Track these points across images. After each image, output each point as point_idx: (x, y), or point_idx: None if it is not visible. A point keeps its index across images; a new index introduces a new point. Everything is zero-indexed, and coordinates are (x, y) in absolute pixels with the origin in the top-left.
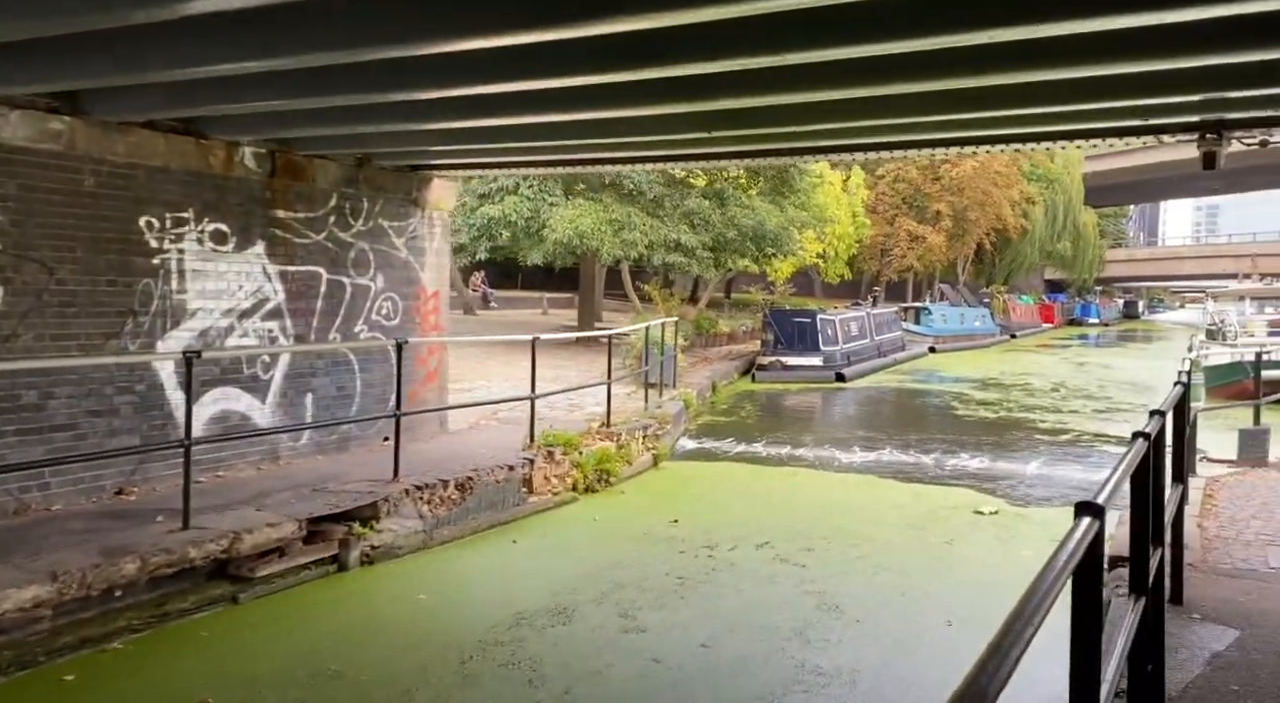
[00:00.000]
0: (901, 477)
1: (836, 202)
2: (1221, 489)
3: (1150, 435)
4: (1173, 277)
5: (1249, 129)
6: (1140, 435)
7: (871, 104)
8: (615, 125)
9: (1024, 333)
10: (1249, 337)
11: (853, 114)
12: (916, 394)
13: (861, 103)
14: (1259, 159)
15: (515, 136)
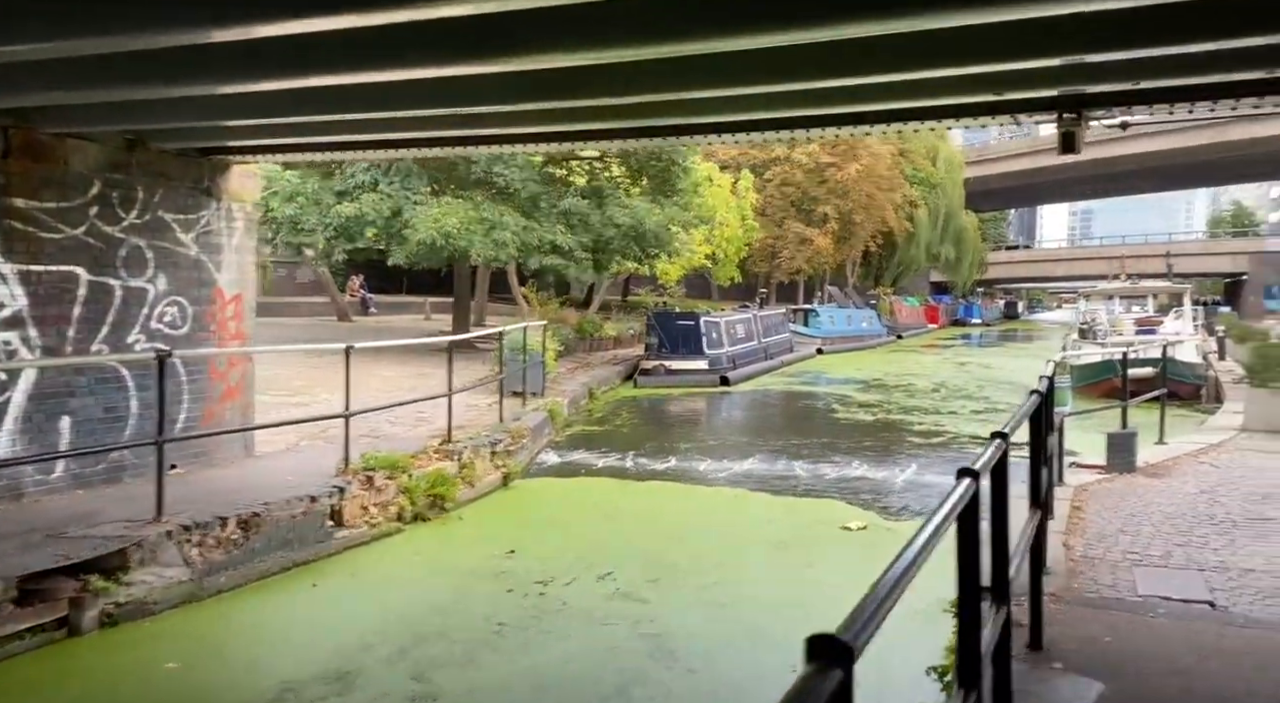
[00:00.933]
0: (773, 489)
1: (725, 204)
2: (1090, 499)
3: (978, 473)
4: (1050, 278)
5: (1108, 107)
6: (967, 473)
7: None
8: (447, 90)
9: (910, 334)
10: (1119, 335)
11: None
12: (800, 397)
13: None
14: (1127, 166)
15: (330, 106)
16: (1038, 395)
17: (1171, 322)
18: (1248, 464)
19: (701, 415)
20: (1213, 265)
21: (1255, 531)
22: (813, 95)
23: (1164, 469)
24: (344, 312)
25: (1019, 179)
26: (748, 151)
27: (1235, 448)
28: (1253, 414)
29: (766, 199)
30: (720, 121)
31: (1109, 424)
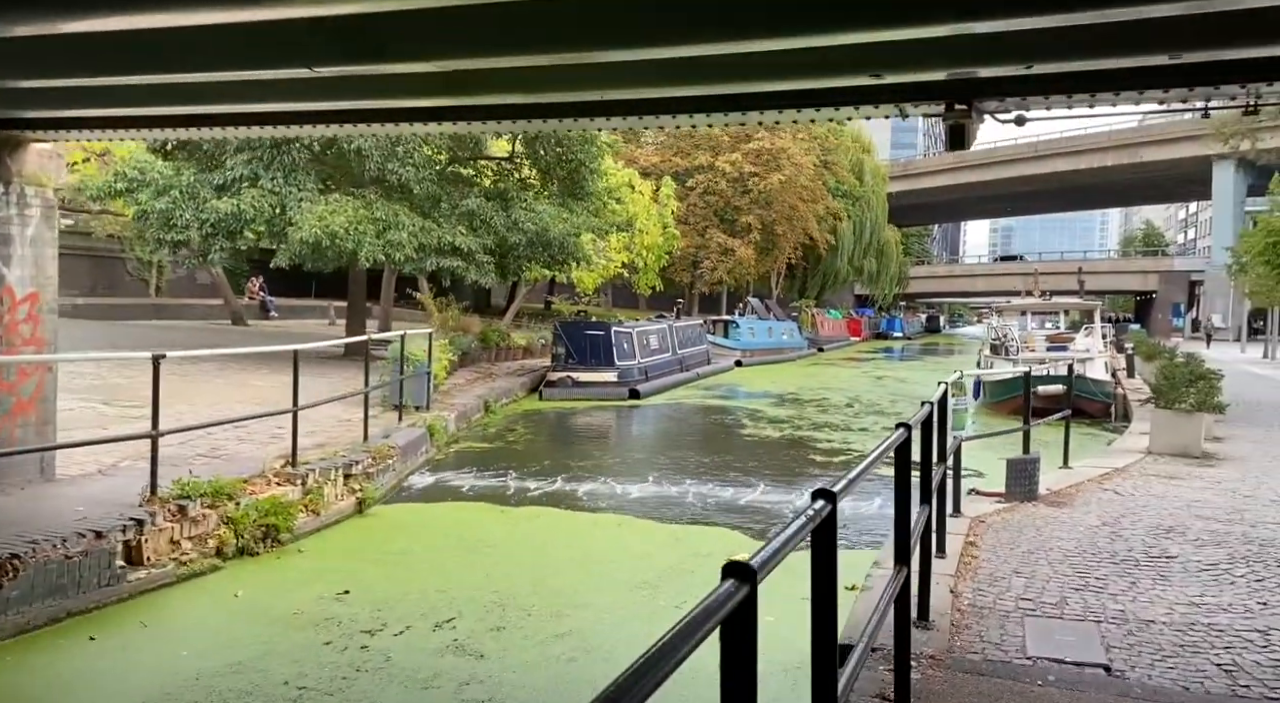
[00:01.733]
0: (661, 516)
1: (646, 211)
2: (986, 533)
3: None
4: (970, 293)
5: (1001, 97)
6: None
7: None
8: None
9: (831, 346)
10: (1030, 351)
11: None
12: (711, 411)
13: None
14: (1044, 184)
15: (157, 62)
16: (903, 429)
17: (1082, 338)
18: (1151, 492)
19: (603, 431)
20: (1124, 283)
21: (1157, 570)
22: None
23: (1066, 497)
24: (239, 315)
25: (942, 195)
26: (671, 159)
27: (1140, 473)
28: (1158, 437)
29: (689, 207)
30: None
31: (1017, 446)
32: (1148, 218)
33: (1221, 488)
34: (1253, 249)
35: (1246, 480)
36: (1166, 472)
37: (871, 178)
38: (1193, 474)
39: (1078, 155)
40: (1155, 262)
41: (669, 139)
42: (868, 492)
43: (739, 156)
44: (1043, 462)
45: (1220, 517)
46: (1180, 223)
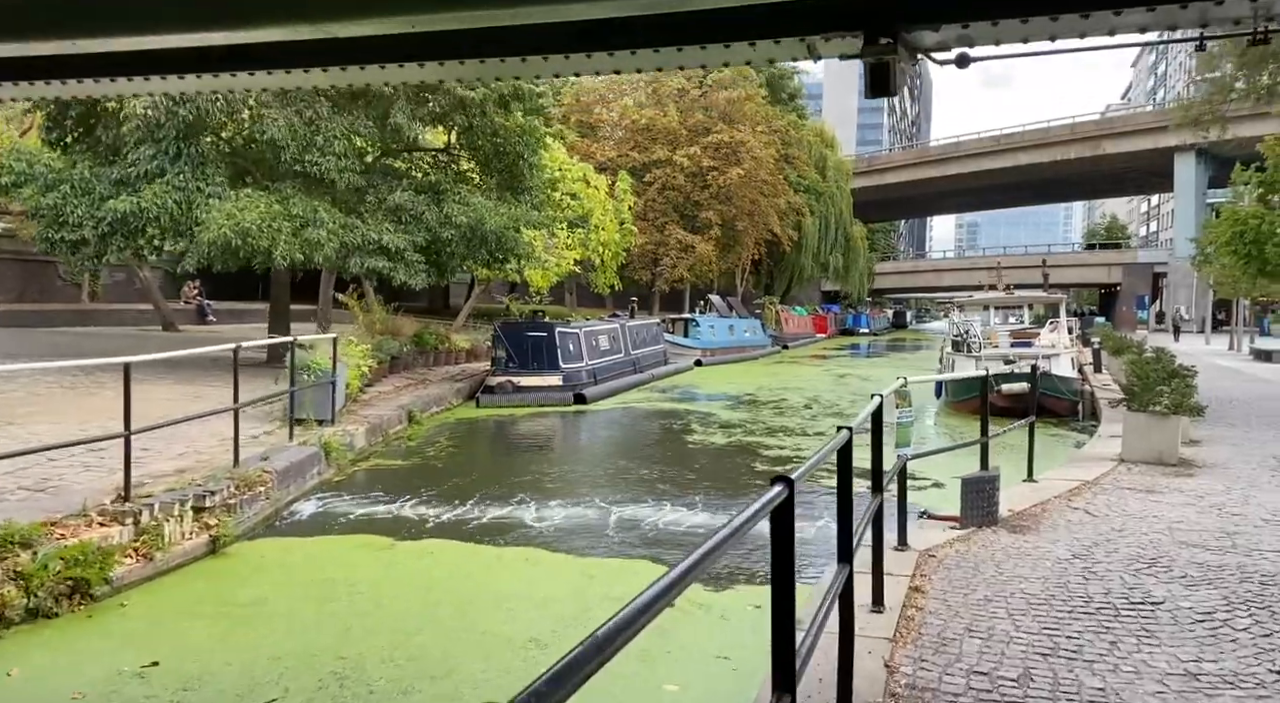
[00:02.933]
0: (579, 547)
1: (602, 206)
2: (936, 573)
3: None
4: (936, 288)
5: (934, 22)
6: None
7: None
8: None
9: (797, 344)
10: (993, 347)
11: None
12: (660, 417)
13: None
14: (1007, 178)
15: None
16: (784, 486)
17: (1047, 333)
18: (1127, 510)
19: (538, 442)
20: (1088, 276)
21: (1142, 622)
22: None
23: (1031, 520)
24: (169, 320)
25: (907, 190)
26: (628, 153)
27: (1113, 486)
28: (1131, 443)
29: (647, 203)
30: None
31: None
32: (1110, 211)
33: (1206, 504)
34: (1218, 239)
35: (1231, 494)
36: (1142, 484)
37: (835, 173)
38: (1171, 487)
39: (1040, 148)
40: (1119, 254)
41: (626, 133)
42: (805, 511)
43: (697, 150)
44: (1006, 473)
45: (1209, 543)
46: (1143, 216)
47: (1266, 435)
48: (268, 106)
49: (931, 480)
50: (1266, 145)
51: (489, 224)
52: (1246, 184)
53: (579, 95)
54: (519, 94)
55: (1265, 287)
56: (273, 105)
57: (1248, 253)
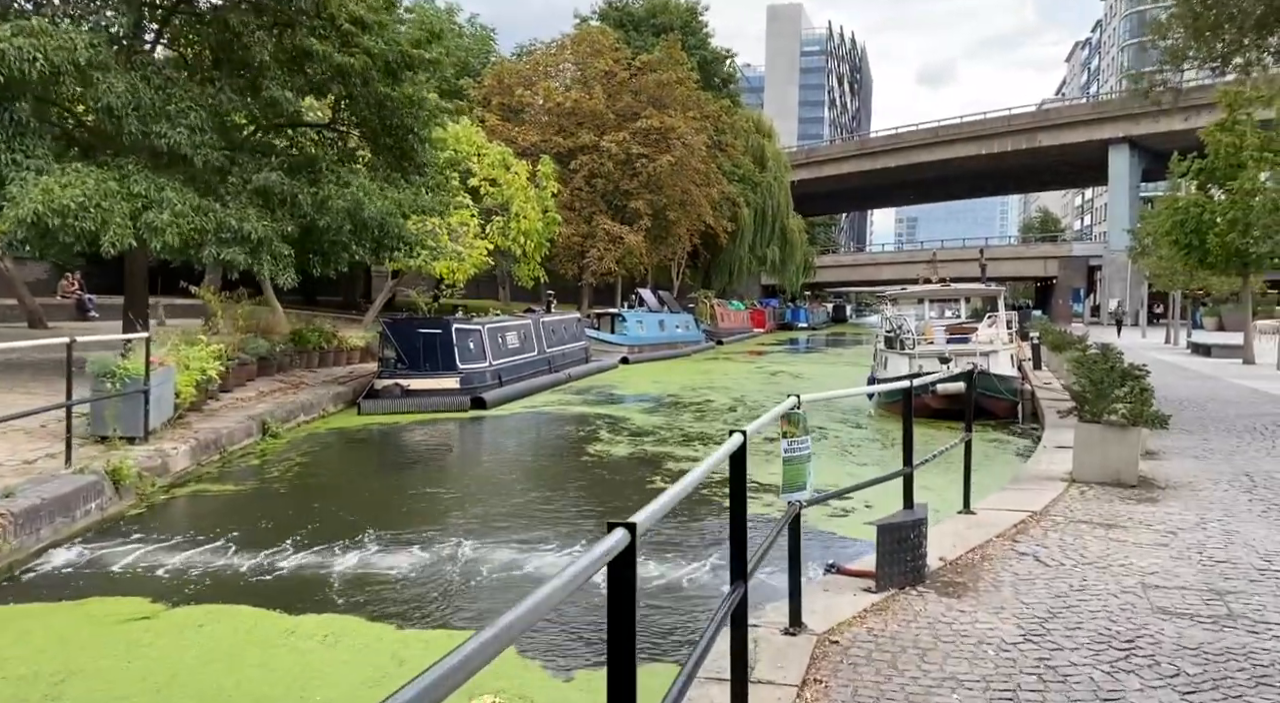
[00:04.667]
0: (402, 610)
1: (524, 193)
2: (836, 674)
3: None
4: (876, 281)
5: None
6: None
7: None
8: None
9: (733, 339)
10: (929, 344)
11: None
12: (567, 423)
13: None
14: (946, 170)
15: None
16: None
17: (985, 328)
18: (1086, 557)
19: (412, 458)
20: (1025, 270)
21: None
22: None
23: (968, 573)
24: (37, 316)
25: (846, 182)
26: (552, 137)
27: (1066, 517)
28: (1084, 459)
29: (573, 192)
30: None
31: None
32: (1045, 205)
33: (1181, 545)
34: (1158, 230)
35: (1209, 528)
36: (1100, 515)
37: (773, 164)
38: (1135, 518)
39: (978, 140)
40: (1055, 247)
41: (550, 117)
42: (666, 555)
43: (625, 136)
44: (940, 499)
45: (1198, 610)
46: (1076, 209)
47: (1228, 444)
48: (103, 68)
49: (861, 504)
50: (1207, 132)
51: (368, 209)
52: (1184, 175)
53: (500, 76)
54: (409, 62)
55: (1203, 278)
56: (112, 68)
57: (1189, 243)
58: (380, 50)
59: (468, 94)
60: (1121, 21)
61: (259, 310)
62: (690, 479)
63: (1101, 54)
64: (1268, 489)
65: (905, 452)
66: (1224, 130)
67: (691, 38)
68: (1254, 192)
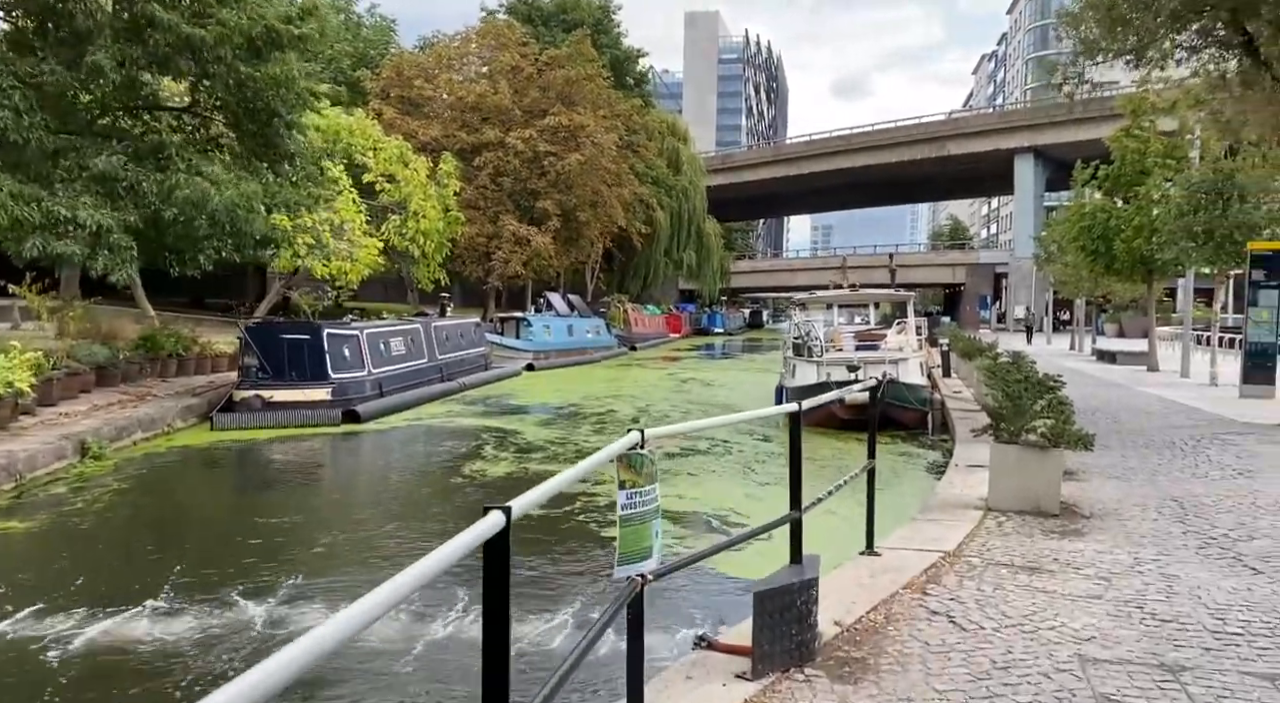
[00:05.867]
0: None
1: (423, 191)
2: None
3: None
4: (791, 287)
5: None
6: None
7: None
8: None
9: (647, 344)
10: (837, 351)
11: None
12: (449, 437)
13: None
14: (858, 177)
15: None
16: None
17: (894, 335)
18: (1008, 615)
19: (257, 483)
20: (934, 276)
21: None
22: None
23: (868, 643)
24: None
25: (763, 188)
26: (455, 133)
27: (983, 558)
28: (1000, 485)
29: (478, 190)
30: None
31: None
32: (953, 213)
33: (1118, 597)
34: (1065, 237)
35: (1146, 572)
36: (1022, 554)
37: (689, 168)
38: (1062, 558)
39: (890, 148)
40: (963, 254)
41: (454, 112)
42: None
43: (533, 133)
44: (840, 534)
45: (1149, 691)
46: (983, 218)
47: (1150, 462)
48: None
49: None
50: (1113, 138)
51: (215, 200)
52: (1087, 183)
53: (399, 67)
54: (275, 38)
55: (1107, 285)
56: None
57: (1096, 249)
58: (240, 23)
59: (364, 86)
60: (1025, 35)
61: (101, 312)
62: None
63: (1007, 67)
64: (1200, 519)
65: (792, 492)
66: (1129, 136)
67: (603, 36)
68: (1159, 199)
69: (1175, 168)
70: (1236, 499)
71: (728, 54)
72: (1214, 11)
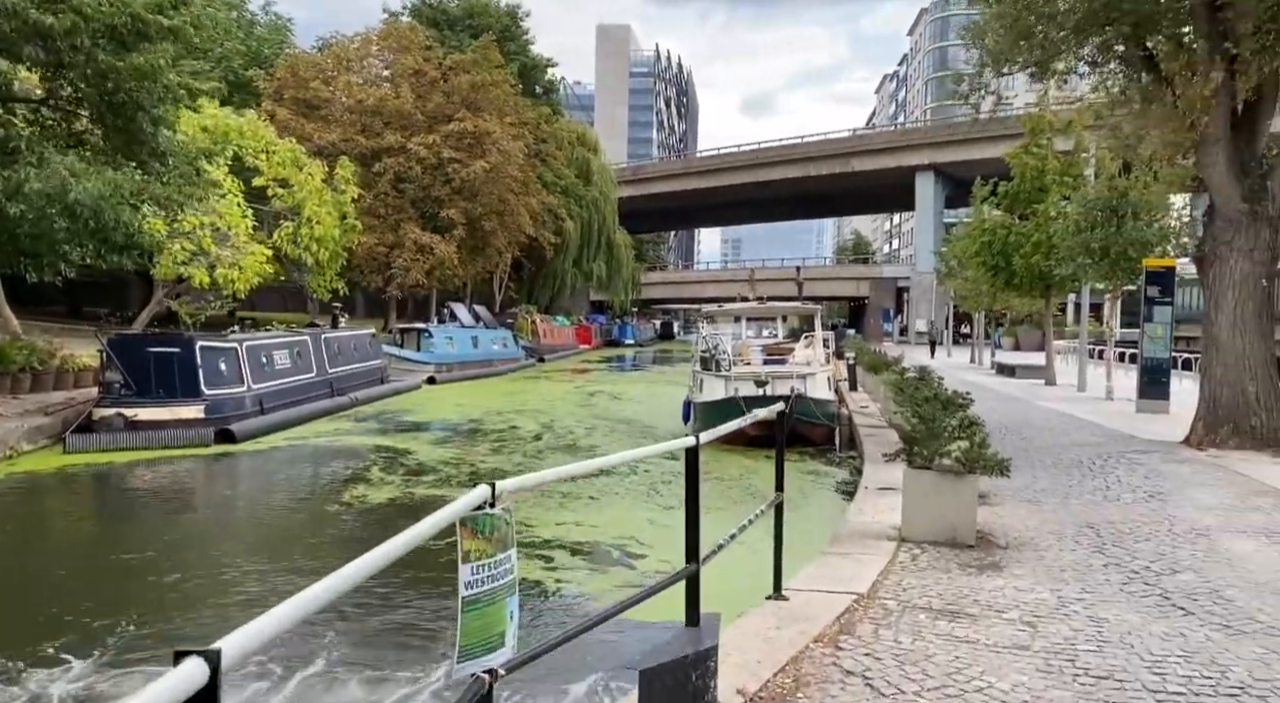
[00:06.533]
0: None
1: (319, 196)
2: None
3: None
4: (702, 298)
5: None
6: None
7: None
8: None
9: (556, 356)
10: (745, 365)
11: None
12: (334, 458)
13: None
14: (765, 193)
15: None
16: None
17: (802, 349)
18: (931, 673)
19: (106, 513)
20: (839, 290)
21: None
22: None
23: None
24: None
25: (674, 200)
26: (354, 137)
27: (900, 601)
28: (914, 514)
29: (377, 197)
30: None
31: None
32: (857, 228)
33: (1047, 646)
34: (965, 252)
35: (1072, 615)
36: (941, 595)
37: (600, 179)
38: (983, 600)
39: (797, 163)
40: (867, 269)
41: (353, 116)
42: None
43: (436, 139)
44: (744, 573)
45: None
46: (885, 234)
47: (1060, 483)
48: None
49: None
50: (1012, 154)
51: (76, 191)
52: (985, 199)
53: (294, 67)
54: (142, 28)
55: (1005, 300)
56: None
57: (996, 264)
58: (101, 11)
59: (257, 86)
60: (926, 56)
61: None
62: None
63: (908, 86)
64: (1119, 548)
65: (689, 541)
66: (1028, 153)
67: (511, 42)
68: (1056, 216)
69: (1072, 185)
70: (1152, 526)
71: (639, 68)
72: (1116, 26)
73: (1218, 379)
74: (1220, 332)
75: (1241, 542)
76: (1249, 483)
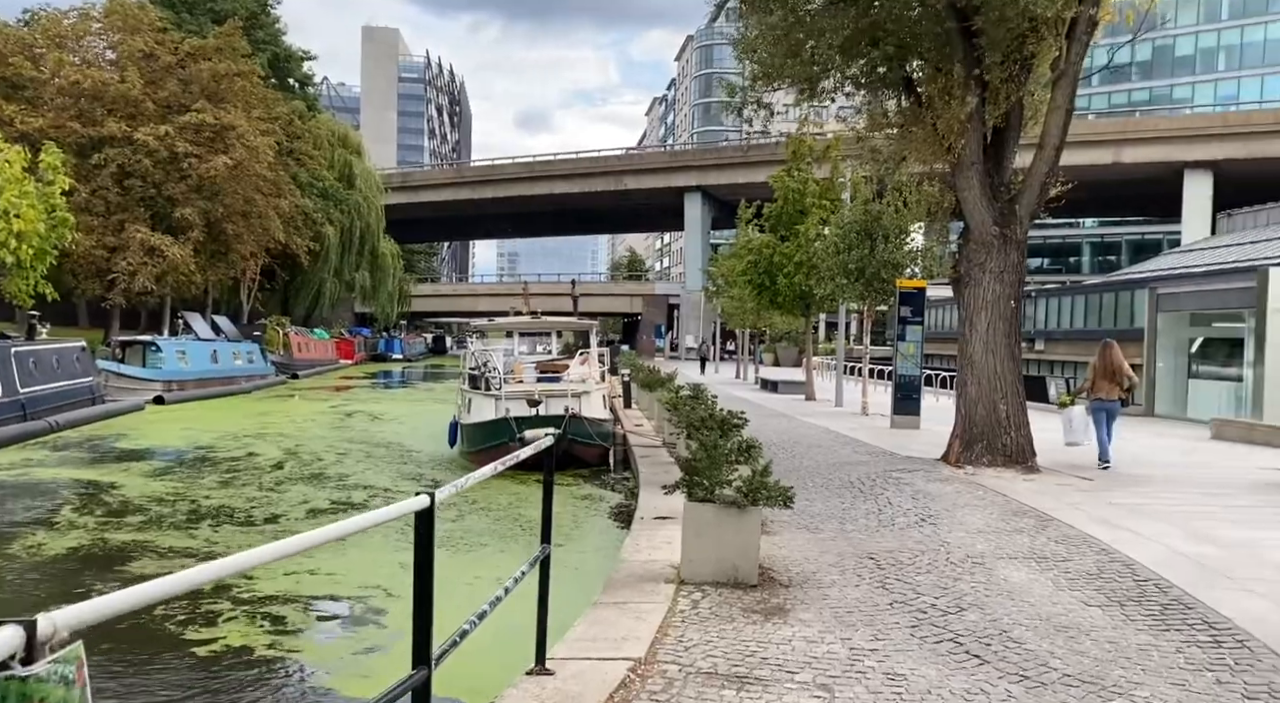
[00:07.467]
0: None
1: (19, 188)
2: None
3: None
4: (476, 312)
5: None
6: None
7: None
8: None
9: (312, 372)
10: (518, 383)
11: None
12: (17, 496)
13: None
14: (541, 205)
15: None
16: None
17: (577, 366)
18: None
19: None
20: (614, 306)
21: None
22: None
23: None
24: None
25: (446, 210)
26: (67, 123)
27: (681, 664)
28: (695, 551)
29: (95, 191)
30: None
31: None
32: (631, 246)
33: None
34: (732, 271)
35: (869, 674)
36: (726, 653)
37: (364, 183)
38: (772, 658)
39: (572, 179)
40: (640, 286)
41: (66, 99)
42: None
43: (170, 130)
44: (506, 641)
45: None
46: (657, 252)
47: (834, 506)
48: None
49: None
50: (775, 177)
51: None
52: (749, 221)
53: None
54: None
55: (769, 318)
56: None
57: (761, 283)
58: None
59: None
60: (693, 82)
61: None
62: None
63: (676, 111)
64: (901, 582)
65: (416, 642)
66: (790, 176)
67: (260, 30)
68: (815, 237)
69: (830, 208)
70: (930, 555)
71: (409, 73)
72: (881, 47)
73: (972, 398)
74: (975, 351)
75: (1015, 570)
76: (1008, 503)
